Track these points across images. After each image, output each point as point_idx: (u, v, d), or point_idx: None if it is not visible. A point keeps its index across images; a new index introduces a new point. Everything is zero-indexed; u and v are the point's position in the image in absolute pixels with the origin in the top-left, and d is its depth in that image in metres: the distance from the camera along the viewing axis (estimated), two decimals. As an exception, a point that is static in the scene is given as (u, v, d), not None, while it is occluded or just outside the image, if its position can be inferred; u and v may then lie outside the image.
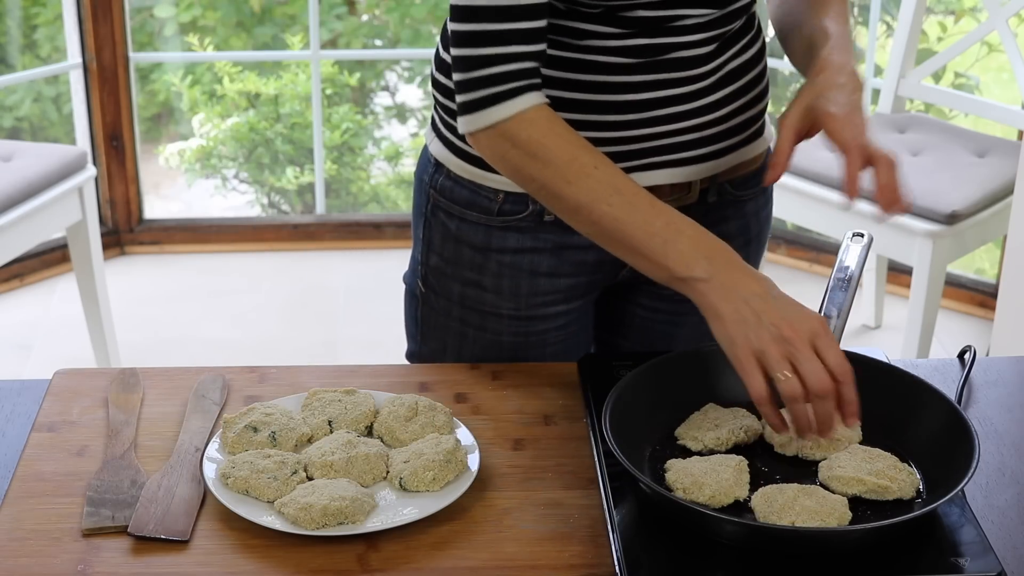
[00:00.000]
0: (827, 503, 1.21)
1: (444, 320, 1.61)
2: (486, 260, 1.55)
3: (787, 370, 1.23)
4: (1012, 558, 1.21)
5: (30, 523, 1.25)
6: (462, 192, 1.54)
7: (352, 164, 4.46)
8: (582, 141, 1.36)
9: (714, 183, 1.56)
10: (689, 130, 1.50)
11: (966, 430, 1.26)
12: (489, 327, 1.59)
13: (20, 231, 2.97)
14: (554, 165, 1.34)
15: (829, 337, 1.25)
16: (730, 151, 1.56)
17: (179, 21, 4.50)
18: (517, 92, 1.35)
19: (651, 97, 1.47)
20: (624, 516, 1.23)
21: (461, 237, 1.56)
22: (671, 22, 1.44)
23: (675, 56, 1.46)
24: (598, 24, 1.43)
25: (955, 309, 3.66)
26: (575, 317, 1.61)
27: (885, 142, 3.16)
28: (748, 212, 1.63)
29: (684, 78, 1.47)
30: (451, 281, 1.59)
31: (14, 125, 4.49)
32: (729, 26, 1.49)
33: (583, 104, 1.46)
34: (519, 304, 1.57)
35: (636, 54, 1.45)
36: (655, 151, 1.50)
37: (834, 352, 1.25)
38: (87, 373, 1.50)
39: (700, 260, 1.30)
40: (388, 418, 1.37)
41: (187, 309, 3.69)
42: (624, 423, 1.27)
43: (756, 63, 1.56)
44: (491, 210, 1.53)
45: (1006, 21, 3.20)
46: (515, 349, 1.60)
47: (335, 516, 1.23)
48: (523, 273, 1.55)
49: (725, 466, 1.26)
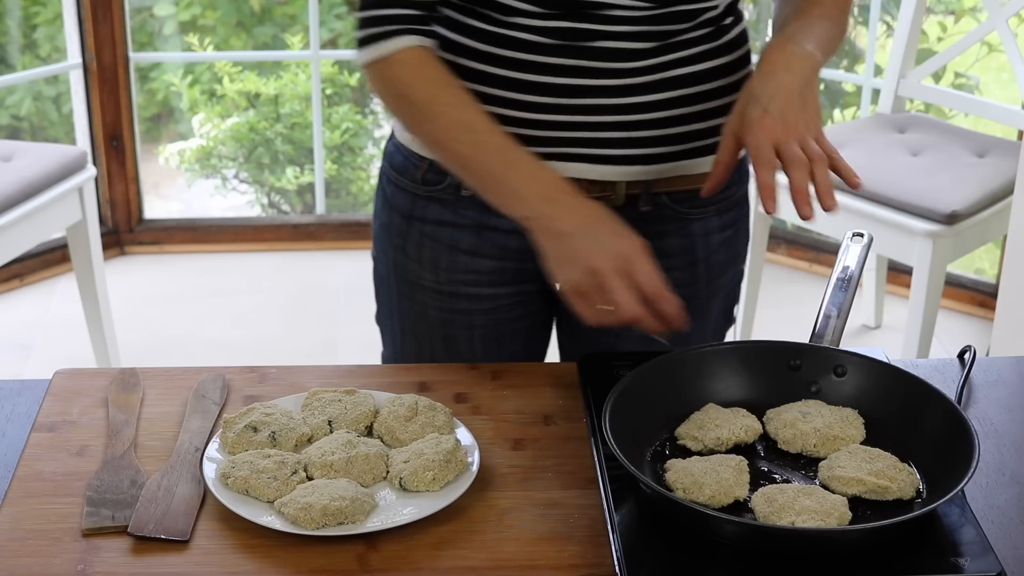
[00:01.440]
0: (827, 503, 1.21)
1: (386, 287, 1.65)
2: (410, 228, 1.58)
3: (603, 302, 1.28)
4: (1012, 558, 1.21)
5: (30, 523, 1.24)
6: (398, 158, 1.59)
7: (352, 164, 4.46)
8: (449, 82, 1.42)
9: (647, 191, 1.53)
10: (612, 126, 1.48)
11: (966, 430, 1.26)
12: (416, 297, 1.61)
13: (20, 231, 2.97)
14: (416, 103, 1.42)
15: (641, 261, 1.29)
16: (668, 159, 1.52)
17: (179, 20, 4.50)
18: (394, 34, 1.42)
19: (571, 83, 1.47)
20: (624, 516, 1.23)
21: (393, 203, 1.60)
22: (596, 9, 1.44)
23: (600, 45, 1.45)
24: (522, 1, 1.44)
25: (955, 309, 3.66)
26: (504, 304, 1.60)
27: (885, 142, 3.17)
28: (695, 232, 1.58)
29: (609, 70, 1.46)
30: (387, 246, 1.63)
31: (14, 125, 4.49)
32: (670, 26, 1.46)
33: (501, 79, 1.47)
34: (439, 277, 1.58)
35: (558, 36, 1.45)
36: (573, 142, 1.49)
37: (645, 276, 1.30)
38: (87, 373, 1.50)
39: (529, 198, 1.36)
40: (388, 418, 1.37)
41: (187, 309, 3.69)
42: (624, 423, 1.27)
43: (722, 75, 1.51)
44: (416, 178, 1.56)
45: (1006, 21, 3.20)
46: (443, 326, 1.61)
47: (335, 516, 1.23)
48: (443, 246, 1.57)
49: (725, 466, 1.26)
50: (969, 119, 4.05)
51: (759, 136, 1.33)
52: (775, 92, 1.34)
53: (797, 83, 1.34)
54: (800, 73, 1.35)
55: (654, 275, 1.30)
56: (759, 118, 1.33)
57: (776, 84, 1.34)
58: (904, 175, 3.00)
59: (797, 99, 1.34)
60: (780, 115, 1.33)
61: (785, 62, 1.36)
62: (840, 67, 4.23)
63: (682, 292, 1.57)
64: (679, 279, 1.56)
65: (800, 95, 1.34)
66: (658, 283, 1.30)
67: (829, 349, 1.42)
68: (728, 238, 1.61)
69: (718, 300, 1.64)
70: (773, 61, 1.37)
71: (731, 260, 1.64)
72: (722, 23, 1.51)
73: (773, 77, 1.35)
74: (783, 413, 1.36)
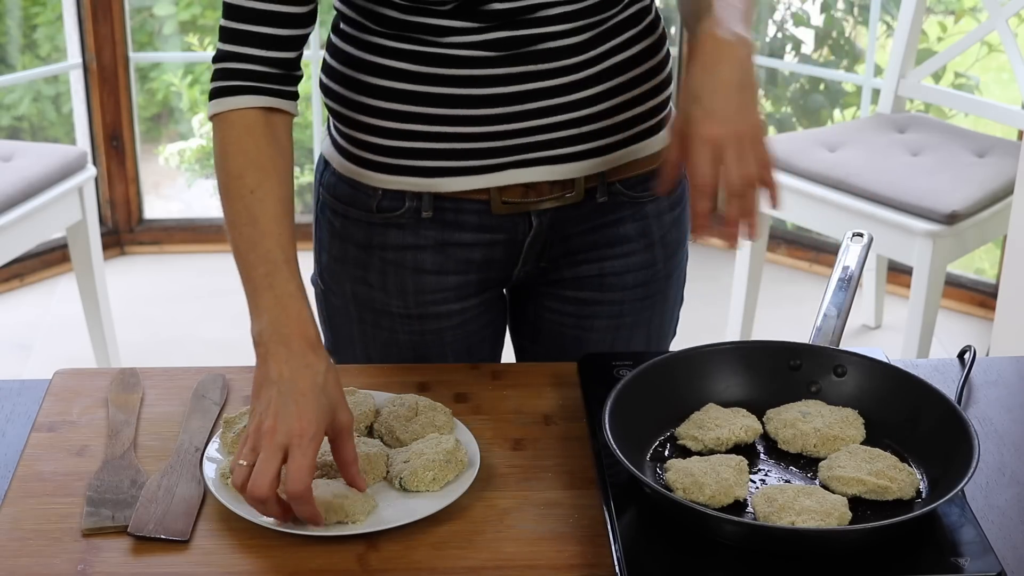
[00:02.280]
0: (827, 503, 1.21)
1: (344, 319, 1.62)
2: (370, 257, 1.55)
3: (245, 460, 1.22)
4: (1012, 558, 1.21)
5: (30, 523, 1.24)
6: (344, 189, 1.55)
7: (352, 164, 4.45)
8: (261, 161, 1.36)
9: (603, 182, 1.53)
10: (566, 125, 1.48)
11: (966, 430, 1.26)
12: (384, 325, 1.59)
13: (20, 231, 2.97)
14: (226, 173, 1.37)
15: (304, 448, 1.21)
16: (617, 147, 1.52)
17: (179, 20, 4.50)
18: (233, 91, 1.38)
19: (519, 90, 1.45)
20: (624, 516, 1.23)
21: (346, 235, 1.57)
22: (531, 12, 1.42)
23: (542, 47, 1.44)
24: (455, 20, 1.42)
25: (955, 309, 3.66)
26: (472, 316, 1.59)
27: (885, 142, 3.17)
28: (649, 214, 1.58)
29: (554, 70, 1.45)
30: (343, 279, 1.59)
31: (14, 125, 4.49)
32: (602, 15, 1.46)
33: (447, 98, 1.45)
34: (407, 302, 1.56)
35: (498, 47, 1.43)
36: (529, 147, 1.48)
37: (296, 468, 1.20)
38: (87, 373, 1.50)
39: (264, 322, 1.31)
40: (388, 418, 1.37)
41: (187, 309, 3.69)
42: (624, 423, 1.27)
43: (649, 56, 1.52)
44: (370, 207, 1.53)
45: (1006, 21, 3.20)
46: (414, 348, 1.59)
47: (335, 514, 1.23)
48: (407, 271, 1.55)
49: (725, 466, 1.26)
50: (969, 119, 4.05)
51: (700, 148, 1.29)
52: (715, 88, 1.31)
53: (736, 76, 1.31)
54: (738, 64, 1.32)
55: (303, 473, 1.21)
56: (701, 119, 1.30)
57: (716, 80, 1.31)
58: (904, 175, 3.00)
59: (736, 93, 1.30)
60: (721, 114, 1.30)
61: (721, 53, 1.32)
62: (840, 67, 4.23)
63: (642, 275, 1.60)
64: (639, 262, 1.59)
65: (739, 87, 1.31)
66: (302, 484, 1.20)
67: (829, 349, 1.42)
68: (677, 217, 1.62)
69: (674, 279, 1.66)
70: (709, 52, 1.32)
71: (681, 238, 1.64)
72: (641, 3, 1.51)
73: (712, 72, 1.31)
74: (783, 413, 1.36)
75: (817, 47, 4.29)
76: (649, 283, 1.62)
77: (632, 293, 1.61)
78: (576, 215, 1.55)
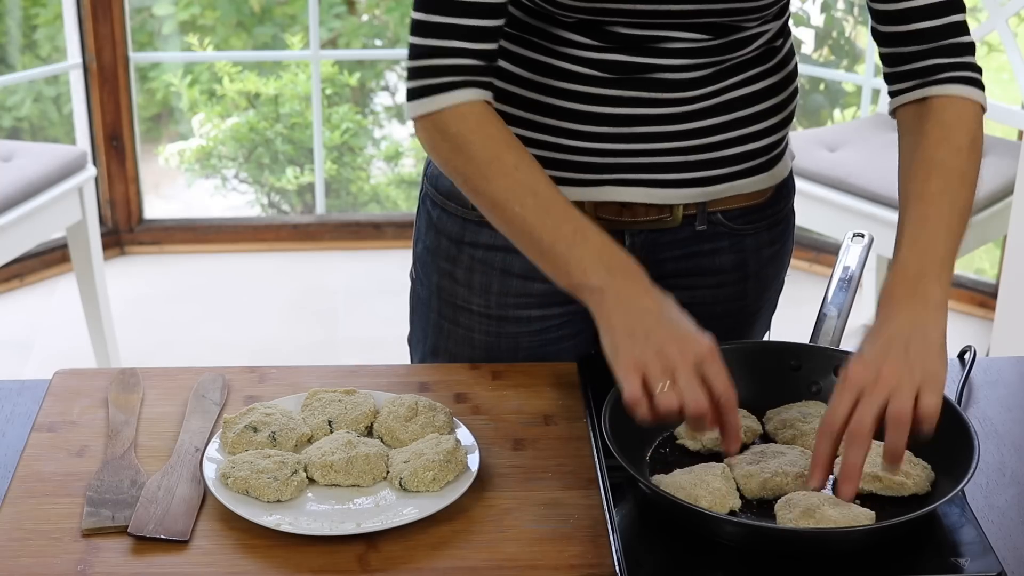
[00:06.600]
0: (850, 514, 1.20)
1: (426, 309, 1.62)
2: (460, 252, 1.55)
3: (666, 384, 1.20)
4: (1012, 558, 1.21)
5: (30, 523, 1.24)
6: (446, 182, 1.54)
7: (352, 164, 4.46)
8: (511, 141, 1.35)
9: (703, 211, 1.51)
10: (671, 152, 1.46)
11: (966, 430, 1.26)
12: (461, 322, 1.58)
13: (20, 231, 2.98)
14: (476, 161, 1.35)
15: (717, 364, 1.22)
16: (724, 180, 1.50)
17: (179, 20, 4.51)
18: (454, 86, 1.36)
19: (627, 113, 1.44)
20: (624, 516, 1.23)
21: (440, 227, 1.57)
22: (654, 43, 1.41)
23: (658, 77, 1.43)
24: (576, 33, 1.42)
25: (955, 309, 3.66)
26: (552, 325, 1.58)
27: (885, 142, 3.17)
28: (747, 247, 1.56)
29: (667, 99, 1.44)
30: (431, 270, 1.59)
31: (14, 125, 4.50)
32: (730, 55, 1.44)
33: (554, 109, 1.45)
34: (489, 302, 1.56)
35: (613, 69, 1.42)
36: (630, 168, 1.47)
37: (721, 379, 1.21)
38: (87, 373, 1.50)
39: (599, 269, 1.28)
40: (388, 418, 1.37)
41: (187, 309, 3.69)
42: (624, 423, 1.27)
43: (769, 95, 1.50)
44: (467, 203, 1.52)
45: (1006, 21, 3.20)
46: (487, 349, 1.59)
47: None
48: (495, 271, 1.55)
49: (712, 475, 1.25)
50: (969, 119, 4.04)
51: (841, 393, 1.22)
52: (878, 339, 1.25)
53: (906, 330, 1.26)
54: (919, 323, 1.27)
55: (728, 381, 1.22)
56: (852, 363, 1.24)
57: (887, 333, 1.26)
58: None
59: (901, 348, 1.24)
60: (875, 364, 1.23)
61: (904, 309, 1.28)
62: (840, 67, 4.23)
63: (731, 307, 1.57)
64: (729, 295, 1.57)
65: (906, 342, 1.25)
66: (731, 391, 1.22)
67: (829, 349, 1.42)
68: (776, 252, 1.60)
69: (763, 312, 1.64)
70: (894, 304, 1.29)
71: (776, 273, 1.62)
72: (773, 44, 1.49)
73: (887, 323, 1.27)
74: (783, 413, 1.36)
75: (817, 47, 4.30)
76: (736, 315, 1.59)
77: (719, 324, 1.46)
78: (672, 240, 1.52)
